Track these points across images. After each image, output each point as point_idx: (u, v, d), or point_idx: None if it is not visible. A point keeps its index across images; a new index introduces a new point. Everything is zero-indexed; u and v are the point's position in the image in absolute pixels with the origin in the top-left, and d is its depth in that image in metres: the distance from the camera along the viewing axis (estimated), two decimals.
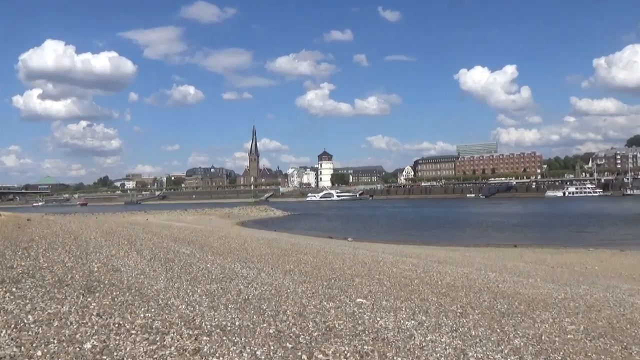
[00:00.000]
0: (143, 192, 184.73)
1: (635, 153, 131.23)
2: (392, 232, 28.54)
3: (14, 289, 4.29)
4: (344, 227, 32.67)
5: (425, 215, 45.52)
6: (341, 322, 3.93)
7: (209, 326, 3.61)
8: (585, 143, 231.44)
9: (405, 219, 40.71)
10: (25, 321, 3.42)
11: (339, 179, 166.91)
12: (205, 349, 3.18)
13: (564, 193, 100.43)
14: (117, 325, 3.47)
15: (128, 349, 3.10)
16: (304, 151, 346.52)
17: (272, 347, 3.27)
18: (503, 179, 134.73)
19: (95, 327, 3.40)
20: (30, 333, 3.23)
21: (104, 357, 2.98)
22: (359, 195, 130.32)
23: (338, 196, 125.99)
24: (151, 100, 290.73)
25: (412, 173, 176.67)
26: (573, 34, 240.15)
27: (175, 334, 3.39)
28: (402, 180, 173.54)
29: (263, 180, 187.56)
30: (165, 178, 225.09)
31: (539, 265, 11.64)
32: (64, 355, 2.96)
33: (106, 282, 4.97)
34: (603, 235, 22.71)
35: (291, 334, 3.55)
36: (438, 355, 3.37)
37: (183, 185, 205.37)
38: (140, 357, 3.02)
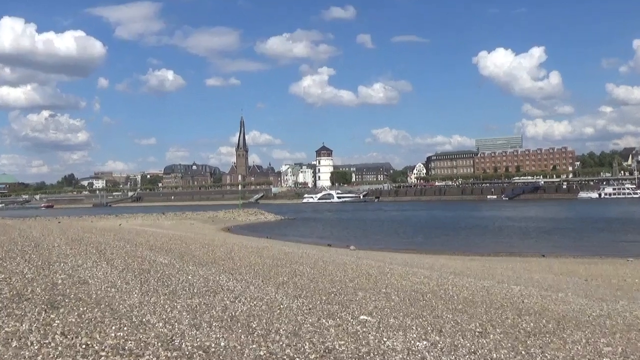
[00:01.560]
0: (114, 193, 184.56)
1: None
2: (401, 239, 28.62)
3: None
4: (346, 234, 32.73)
5: (439, 220, 45.62)
6: (342, 342, 3.92)
7: (190, 347, 3.60)
8: (624, 137, 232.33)
9: (416, 225, 40.77)
10: None
11: (339, 177, 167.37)
12: None
13: (600, 194, 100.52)
14: (84, 346, 3.46)
15: None
16: (300, 146, 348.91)
17: None
18: (529, 178, 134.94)
19: (60, 348, 3.39)
20: None
21: None
22: (363, 196, 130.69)
23: (339, 198, 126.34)
24: (123, 87, 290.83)
25: (424, 171, 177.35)
26: (610, 11, 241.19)
27: (151, 356, 3.39)
28: (412, 179, 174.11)
29: (252, 179, 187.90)
30: (139, 177, 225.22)
31: (571, 277, 11.68)
32: None
33: (72, 296, 4.96)
34: None
35: (284, 357, 3.54)
36: None
37: (160, 184, 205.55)
38: None
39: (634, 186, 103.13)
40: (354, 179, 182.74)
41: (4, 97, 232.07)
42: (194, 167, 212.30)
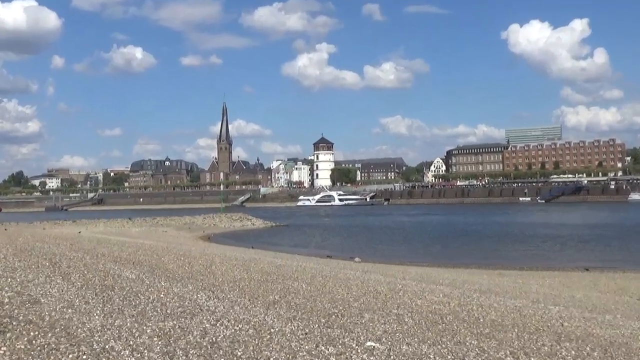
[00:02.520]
0: (71, 195, 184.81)
1: None
2: (415, 250, 28.68)
3: None
4: (349, 243, 32.79)
5: (461, 227, 45.71)
6: None
7: None
8: None
9: (433, 232, 40.86)
10: None
11: (342, 176, 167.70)
12: None
13: None
14: None
15: None
16: (294, 138, 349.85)
17: None
18: (569, 176, 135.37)
19: None
20: None
21: None
22: (370, 198, 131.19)
23: (341, 200, 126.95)
24: (83, 67, 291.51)
25: (444, 168, 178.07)
26: None
27: None
28: (429, 177, 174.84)
29: (237, 177, 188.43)
30: (101, 175, 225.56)
31: (620, 296, 11.72)
32: None
33: (20, 318, 4.96)
34: None
35: None
36: None
37: (126, 184, 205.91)
38: None
39: None
40: (359, 178, 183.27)
41: None
42: (167, 164, 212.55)
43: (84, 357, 3.96)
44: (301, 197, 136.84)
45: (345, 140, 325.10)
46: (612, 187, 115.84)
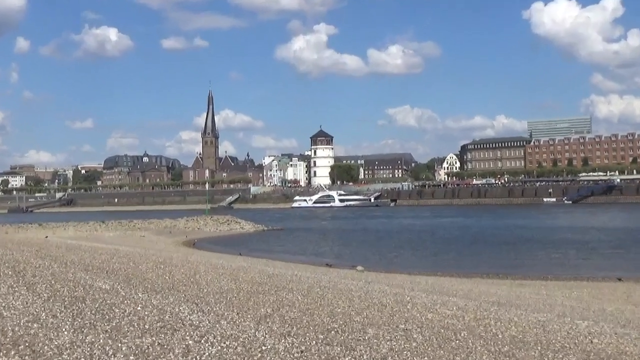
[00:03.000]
0: (37, 194, 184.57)
1: None
2: (425, 257, 28.76)
3: None
4: (351, 250, 32.84)
5: (477, 231, 45.80)
6: None
7: None
8: None
9: (446, 237, 40.95)
10: None
11: (343, 173, 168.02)
12: None
13: None
14: None
15: None
16: (289, 130, 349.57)
17: None
18: (600, 174, 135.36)
19: None
20: None
21: None
22: (375, 199, 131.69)
23: (341, 201, 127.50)
24: (50, 50, 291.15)
25: (458, 165, 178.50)
26: None
27: None
28: (441, 175, 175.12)
29: (224, 175, 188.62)
30: (71, 172, 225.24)
31: None
32: None
33: None
34: None
35: None
36: None
37: (99, 183, 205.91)
38: None
39: None
40: (362, 176, 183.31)
41: None
42: (145, 160, 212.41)
43: None
44: (297, 198, 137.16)
45: (347, 133, 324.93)
46: None
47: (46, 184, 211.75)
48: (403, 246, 34.79)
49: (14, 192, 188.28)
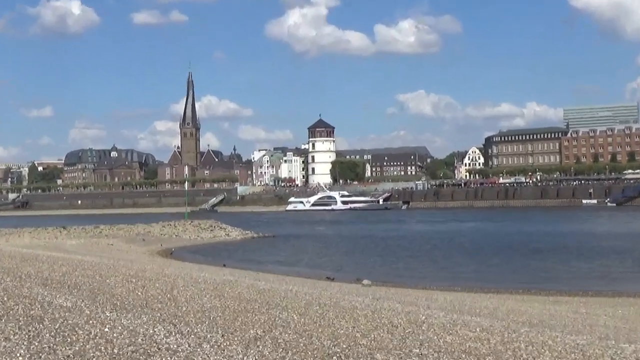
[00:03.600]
0: None
1: None
2: (443, 269, 28.80)
3: None
4: (356, 261, 32.88)
5: (504, 239, 45.85)
6: None
7: None
8: None
9: (468, 246, 41.02)
10: None
11: (346, 171, 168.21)
12: None
13: None
14: None
15: None
16: (283, 120, 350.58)
17: None
18: None
19: None
20: None
21: None
22: (383, 200, 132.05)
23: (344, 203, 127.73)
24: (1, 26, 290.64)
25: (482, 160, 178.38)
26: None
27: None
28: (462, 173, 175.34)
29: (207, 172, 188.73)
30: (26, 169, 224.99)
31: None
32: None
33: None
34: None
35: None
36: None
37: (60, 181, 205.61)
38: None
39: None
40: (368, 174, 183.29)
41: None
42: (114, 155, 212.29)
43: None
44: (292, 199, 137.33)
45: (351, 123, 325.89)
46: None
47: None
48: (417, 256, 34.79)
49: None
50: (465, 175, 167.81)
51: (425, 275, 26.06)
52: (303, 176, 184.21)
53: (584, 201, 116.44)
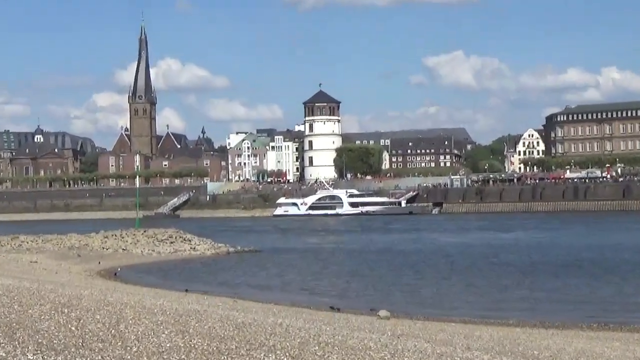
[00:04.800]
0: None
1: None
2: (486, 294, 28.79)
3: None
4: (368, 284, 32.80)
5: (568, 255, 45.77)
6: None
7: None
8: None
9: (518, 263, 41.10)
10: None
11: (356, 162, 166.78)
12: None
13: None
14: None
15: None
16: (269, 92, 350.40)
17: None
18: None
19: None
20: None
21: None
22: (407, 202, 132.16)
23: (353, 205, 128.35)
24: None
25: (542, 148, 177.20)
26: None
27: None
28: (514, 164, 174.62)
29: (165, 164, 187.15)
30: None
31: None
32: None
33: None
34: None
35: None
36: None
37: None
38: None
39: None
40: (387, 165, 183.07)
41: None
42: (39, 139, 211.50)
43: None
44: (282, 201, 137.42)
45: (363, 97, 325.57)
46: None
47: None
48: (450, 278, 34.67)
49: None
50: (519, 168, 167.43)
51: (462, 303, 26.06)
52: (297, 169, 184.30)
53: None
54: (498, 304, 26.04)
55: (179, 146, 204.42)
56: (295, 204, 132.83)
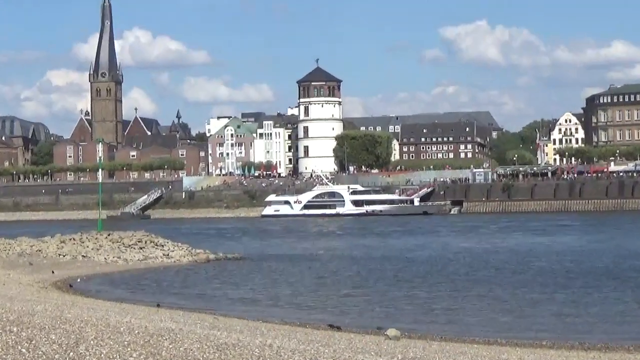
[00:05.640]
0: None
1: None
2: (514, 309, 28.79)
3: None
4: (373, 298, 32.80)
5: (615, 261, 46.01)
6: None
7: None
8: None
9: (551, 271, 41.41)
10: None
11: (359, 152, 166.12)
12: None
13: None
14: None
15: None
16: (257, 70, 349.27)
17: None
18: None
19: None
20: None
21: None
22: (421, 200, 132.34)
23: (357, 203, 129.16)
24: None
25: (582, 135, 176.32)
26: None
27: None
28: (549, 155, 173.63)
29: (133, 155, 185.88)
30: None
31: None
32: None
33: None
34: None
35: None
36: None
37: None
38: None
39: None
40: (397, 156, 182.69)
41: None
42: None
43: None
44: (272, 198, 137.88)
45: (368, 75, 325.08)
46: None
47: None
48: (470, 289, 34.75)
49: None
50: (555, 160, 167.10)
51: (485, 320, 26.06)
52: (290, 160, 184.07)
53: None
54: (528, 321, 26.06)
55: (149, 133, 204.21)
56: (287, 203, 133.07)
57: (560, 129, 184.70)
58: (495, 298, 32.54)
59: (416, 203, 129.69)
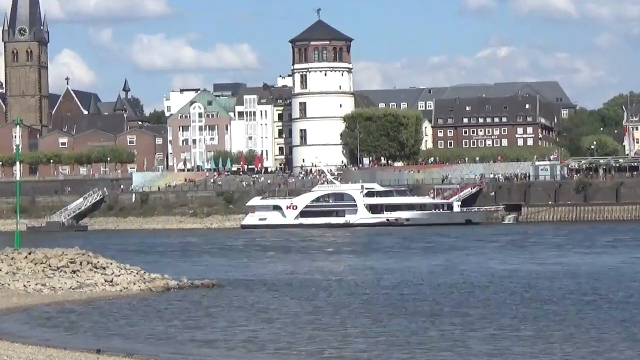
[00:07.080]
0: None
1: None
2: (581, 345, 28.93)
3: None
4: (382, 341, 32.95)
5: None
6: None
7: None
8: None
9: None
10: None
11: (378, 137, 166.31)
12: None
13: None
14: None
15: None
16: (235, 26, 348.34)
17: None
18: None
19: None
20: None
21: None
22: (461, 205, 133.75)
23: (373, 209, 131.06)
24: None
25: None
26: None
27: None
28: (639, 142, 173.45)
29: (64, 142, 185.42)
30: None
31: None
32: None
33: None
34: None
35: None
36: None
37: None
38: None
39: None
40: (429, 144, 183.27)
41: None
42: None
43: None
44: (256, 202, 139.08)
45: (386, 32, 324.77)
46: None
47: None
48: (544, 330, 34.88)
49: None
50: None
51: None
52: (281, 150, 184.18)
53: None
54: None
55: (86, 112, 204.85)
56: (278, 208, 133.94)
57: None
58: (569, 337, 32.36)
59: (456, 209, 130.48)
